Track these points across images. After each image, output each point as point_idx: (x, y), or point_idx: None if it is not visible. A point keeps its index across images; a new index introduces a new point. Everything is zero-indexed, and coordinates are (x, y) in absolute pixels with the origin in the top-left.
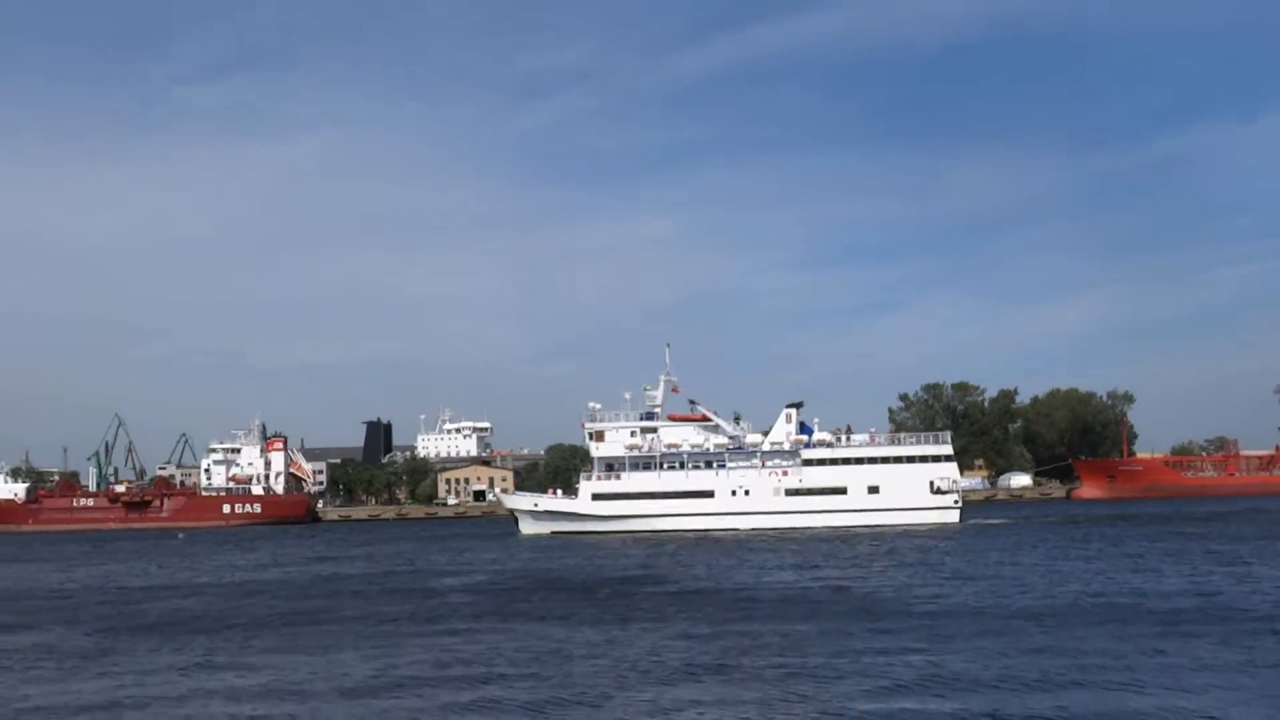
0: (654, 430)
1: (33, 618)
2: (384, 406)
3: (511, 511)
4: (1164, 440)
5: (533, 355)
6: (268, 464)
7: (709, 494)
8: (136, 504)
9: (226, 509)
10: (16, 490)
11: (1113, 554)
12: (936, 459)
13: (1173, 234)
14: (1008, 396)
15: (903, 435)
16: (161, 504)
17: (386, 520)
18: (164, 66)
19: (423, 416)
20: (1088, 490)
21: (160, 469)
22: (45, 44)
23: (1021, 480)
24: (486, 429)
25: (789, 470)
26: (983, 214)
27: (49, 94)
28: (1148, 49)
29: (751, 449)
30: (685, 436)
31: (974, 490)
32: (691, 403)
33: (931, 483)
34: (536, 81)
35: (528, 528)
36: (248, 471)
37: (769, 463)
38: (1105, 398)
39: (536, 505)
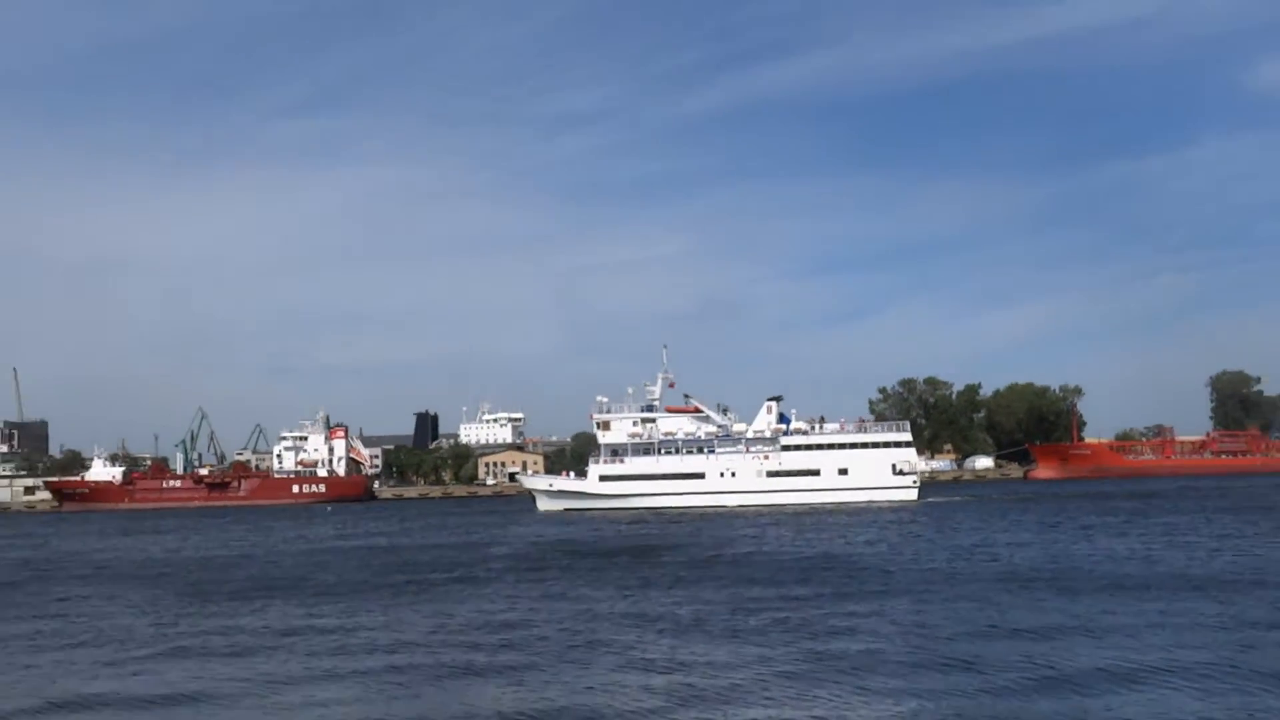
0: (653, 420)
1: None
2: (432, 399)
3: (530, 491)
4: (1109, 427)
5: (561, 355)
6: (331, 450)
7: (700, 475)
8: (218, 485)
9: (295, 489)
10: (114, 473)
11: (1068, 525)
12: (898, 445)
13: (1115, 248)
14: (972, 390)
15: (868, 424)
16: (239, 485)
17: (434, 498)
18: (247, 107)
19: (465, 408)
20: (1042, 471)
21: (238, 455)
22: (145, 90)
23: (985, 463)
24: (520, 419)
25: (769, 455)
26: (950, 231)
27: (148, 133)
28: (1094, 88)
29: (737, 436)
30: (680, 426)
31: (943, 471)
32: (686, 396)
33: (893, 465)
34: (566, 118)
35: (544, 505)
36: (313, 456)
37: (752, 448)
38: (1058, 390)
39: (551, 486)
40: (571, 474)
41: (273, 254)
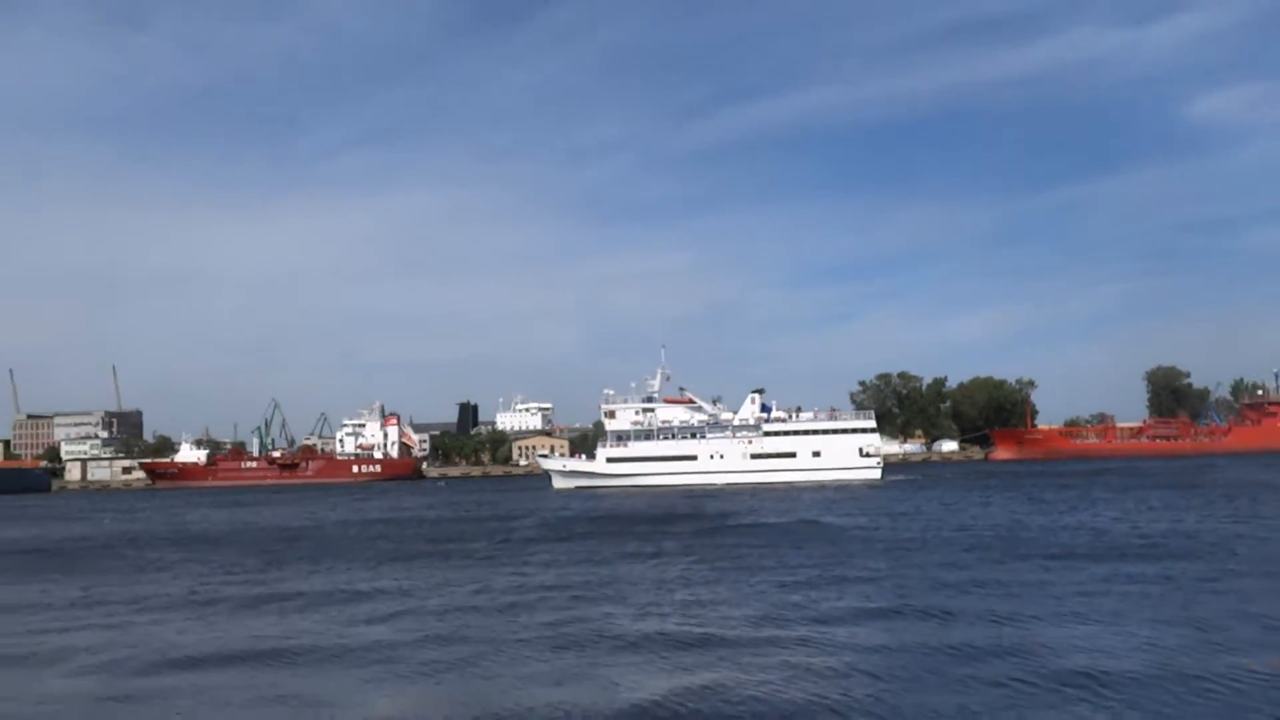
0: (652, 409)
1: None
2: (472, 391)
3: (546, 471)
4: (1059, 415)
5: (585, 352)
6: (385, 435)
7: (693, 457)
8: (288, 465)
9: (355, 469)
10: (199, 455)
11: (1020, 499)
12: (864, 430)
13: (1063, 261)
14: (939, 383)
15: (838, 413)
16: (307, 465)
17: (474, 477)
18: (312, 142)
19: (500, 399)
20: (1001, 453)
21: (305, 439)
22: (227, 127)
23: (950, 446)
24: (549, 408)
25: (753, 439)
26: (918, 247)
27: (229, 164)
28: (1043, 124)
29: (725, 423)
30: (676, 414)
31: (915, 453)
32: (681, 389)
33: (860, 449)
34: (587, 149)
35: (558, 483)
36: (370, 441)
37: (738, 434)
38: (1014, 383)
39: (565, 467)
40: (583, 456)
41: (335, 267)
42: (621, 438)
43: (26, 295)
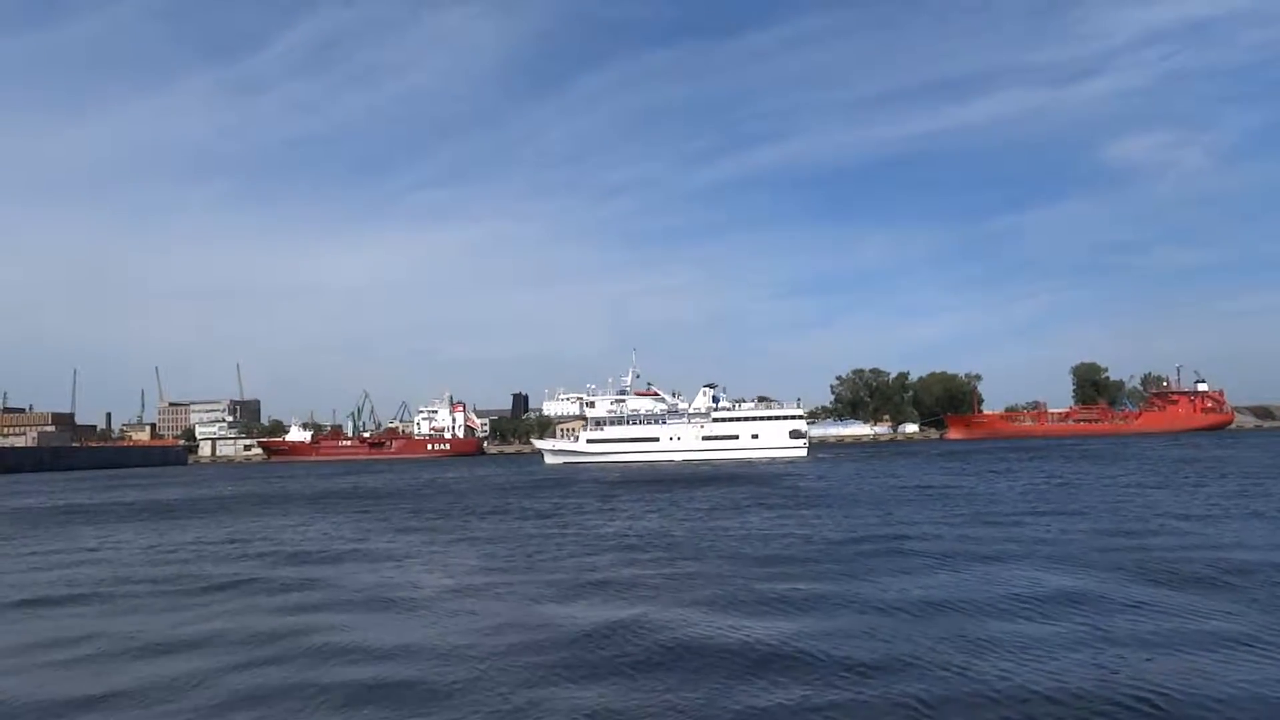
0: (624, 400)
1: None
2: (523, 384)
3: (539, 450)
4: (1000, 402)
5: (611, 353)
6: (453, 420)
7: (656, 439)
8: (376, 444)
9: (429, 447)
10: (305, 435)
11: (959, 469)
12: (793, 417)
13: (1002, 277)
14: (903, 376)
15: (773, 403)
16: (390, 444)
17: (526, 454)
18: (393, 182)
19: (546, 390)
20: (953, 434)
21: (390, 423)
22: (327, 168)
23: (912, 428)
24: (583, 397)
25: (704, 424)
26: (887, 264)
27: (328, 198)
28: (988, 162)
29: (682, 412)
30: (643, 404)
31: (883, 434)
32: (648, 384)
33: (790, 431)
34: (616, 187)
35: (549, 460)
36: (441, 424)
37: (692, 420)
38: (964, 376)
39: (554, 446)
40: (569, 438)
41: (414, 281)
42: (599, 423)
43: (169, 306)
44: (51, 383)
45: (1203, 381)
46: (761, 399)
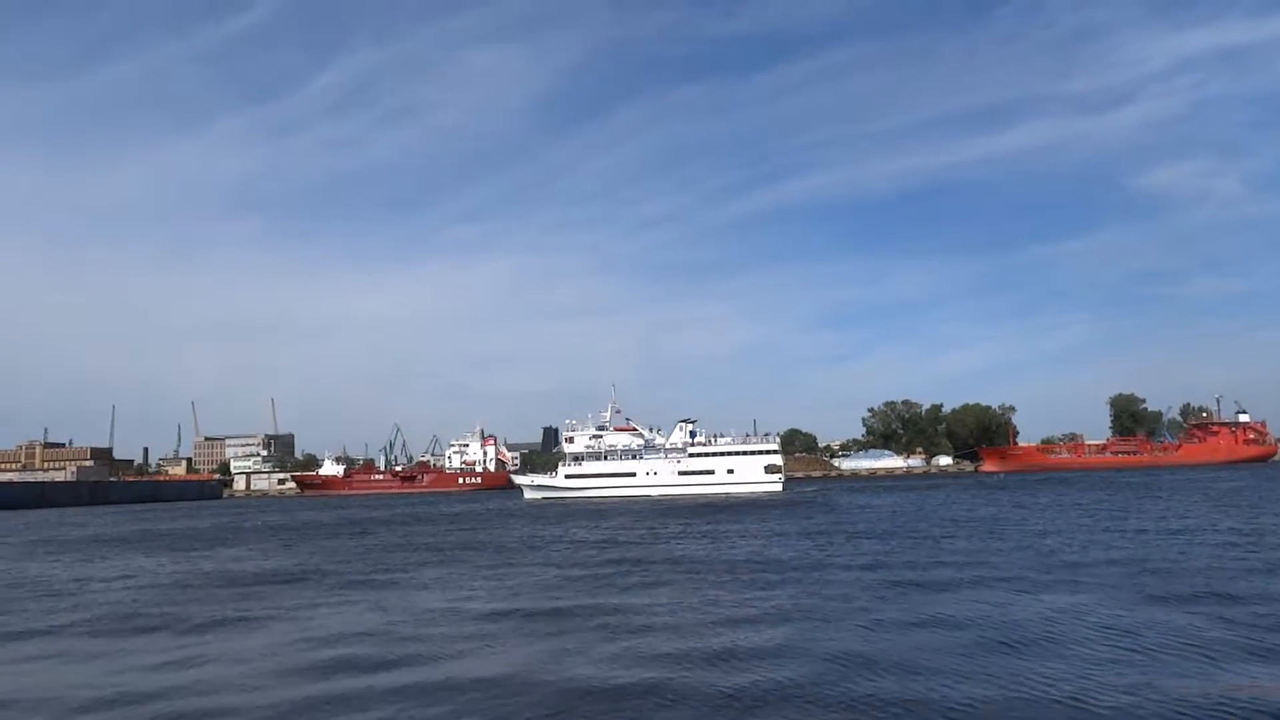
0: (602, 436)
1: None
2: (554, 417)
3: (519, 485)
4: (1036, 435)
5: (642, 385)
6: (484, 453)
7: (633, 474)
8: (408, 478)
9: (460, 480)
10: (338, 470)
11: (1007, 500)
12: (769, 452)
13: (1037, 307)
14: (936, 408)
15: (750, 438)
16: (422, 478)
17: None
18: (428, 217)
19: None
20: (988, 466)
21: (421, 456)
22: (363, 205)
23: (946, 461)
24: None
25: (680, 459)
26: (919, 295)
27: (363, 234)
28: (1019, 193)
29: (659, 447)
30: (620, 440)
31: (916, 467)
32: (627, 419)
33: (765, 466)
34: (647, 221)
35: (529, 495)
36: (472, 457)
37: (669, 455)
38: (998, 408)
39: (533, 481)
40: (549, 474)
41: (446, 316)
42: (578, 458)
43: (205, 342)
44: (90, 417)
45: (1244, 412)
46: (746, 436)
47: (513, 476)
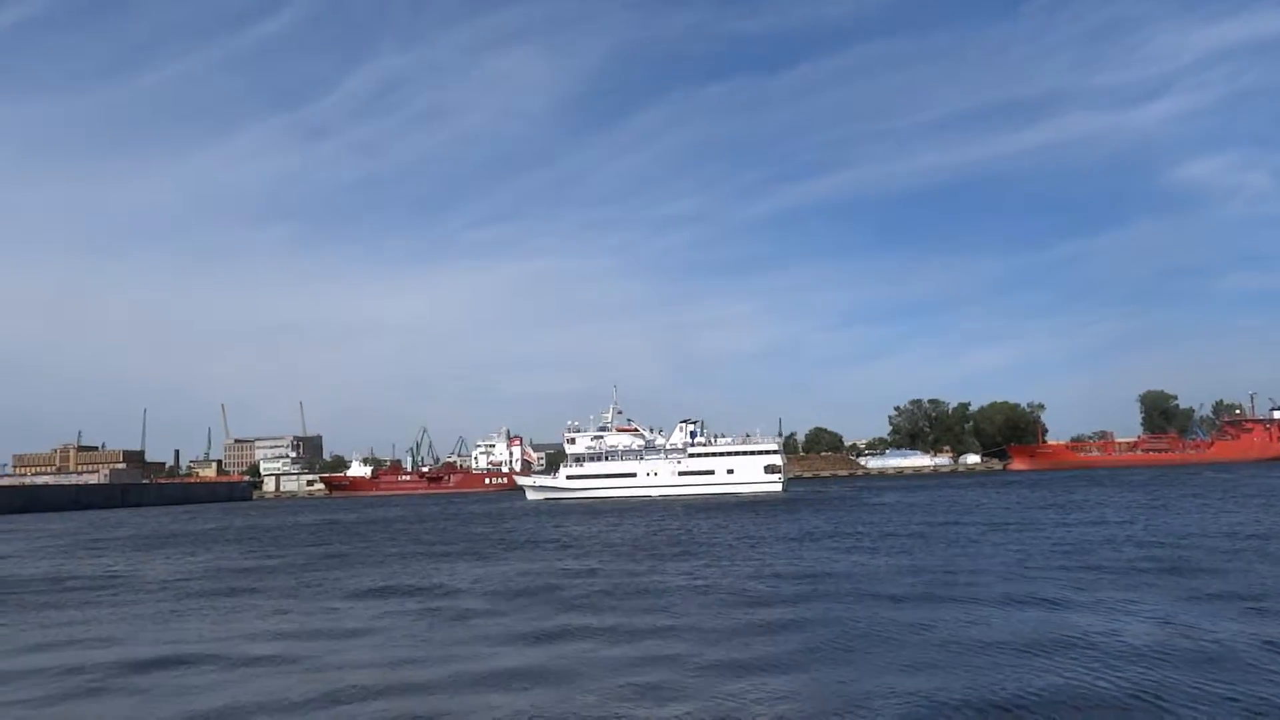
0: (603, 436)
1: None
2: (579, 417)
3: (521, 486)
4: (1065, 432)
5: (668, 385)
6: (510, 454)
7: (634, 475)
8: (434, 479)
9: (487, 481)
10: (366, 471)
11: (1030, 498)
12: (769, 452)
13: (1066, 303)
14: (964, 406)
15: (750, 438)
16: (449, 479)
17: None
18: (451, 220)
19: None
20: (1017, 465)
21: (448, 457)
22: (386, 208)
23: (974, 459)
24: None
25: (681, 460)
26: (946, 292)
27: (388, 238)
28: (1049, 187)
29: (659, 448)
30: (621, 440)
31: (944, 466)
32: (628, 420)
33: (765, 466)
34: (671, 220)
35: (531, 495)
36: (499, 458)
37: (669, 456)
38: (1026, 406)
39: (535, 482)
40: (551, 475)
41: (472, 318)
42: (579, 459)
43: (235, 346)
44: (123, 421)
45: (1279, 409)
46: (745, 436)
47: (516, 478)
